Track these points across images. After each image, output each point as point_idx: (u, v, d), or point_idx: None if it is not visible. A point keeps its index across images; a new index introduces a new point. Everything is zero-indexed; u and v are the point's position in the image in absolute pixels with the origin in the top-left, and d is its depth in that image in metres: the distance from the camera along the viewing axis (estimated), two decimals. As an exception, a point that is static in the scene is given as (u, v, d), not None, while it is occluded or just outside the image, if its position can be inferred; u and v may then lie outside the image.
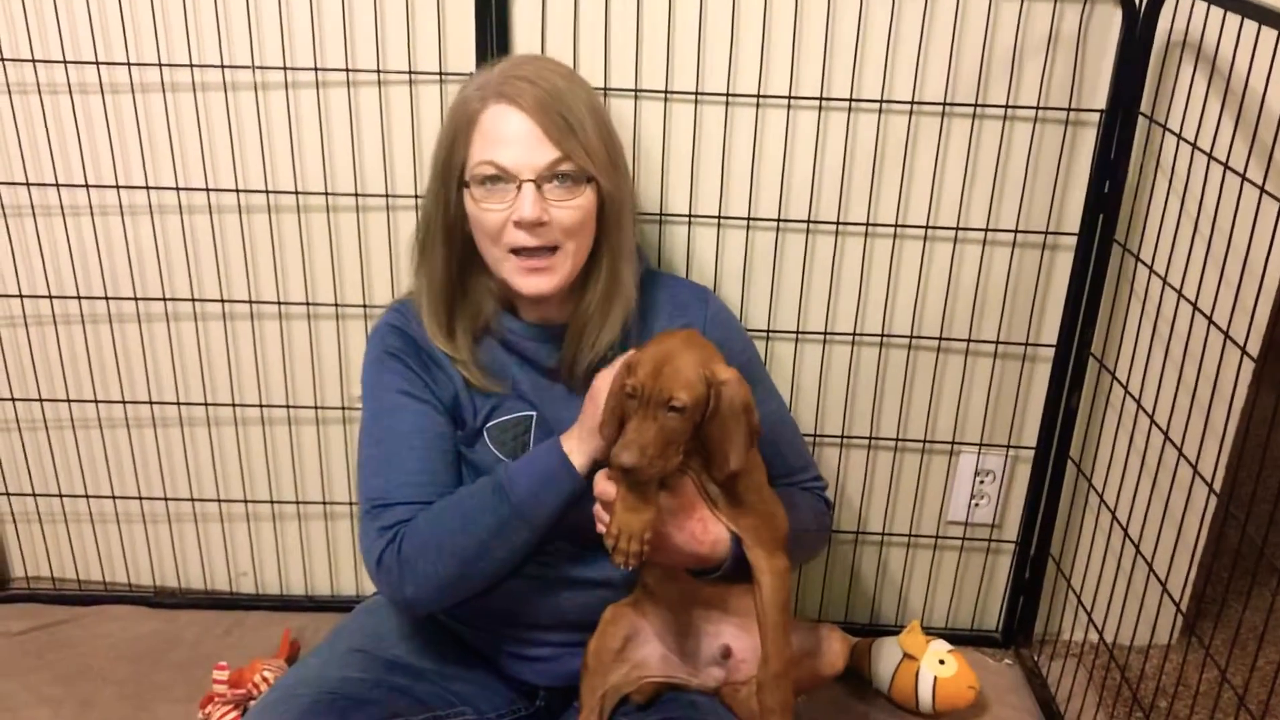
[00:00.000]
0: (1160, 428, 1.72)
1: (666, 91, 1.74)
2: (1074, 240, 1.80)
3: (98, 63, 1.75)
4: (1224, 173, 1.55)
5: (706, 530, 1.39)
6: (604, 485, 1.35)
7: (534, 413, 1.52)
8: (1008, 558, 2.06)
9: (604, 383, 1.38)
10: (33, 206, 1.85)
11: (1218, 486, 1.76)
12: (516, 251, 1.43)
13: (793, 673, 1.41)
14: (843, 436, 1.97)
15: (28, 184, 1.83)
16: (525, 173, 1.39)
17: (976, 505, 2.02)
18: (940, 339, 1.89)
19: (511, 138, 1.39)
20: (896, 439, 1.97)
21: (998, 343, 1.89)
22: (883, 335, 1.90)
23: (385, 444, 1.50)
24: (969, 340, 1.89)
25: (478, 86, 1.43)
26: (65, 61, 1.76)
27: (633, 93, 1.74)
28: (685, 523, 1.38)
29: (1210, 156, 1.59)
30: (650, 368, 1.28)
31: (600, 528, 1.36)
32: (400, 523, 1.45)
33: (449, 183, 1.45)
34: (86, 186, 1.83)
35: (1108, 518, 1.90)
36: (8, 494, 2.07)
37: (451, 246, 1.48)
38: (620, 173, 1.48)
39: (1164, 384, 1.73)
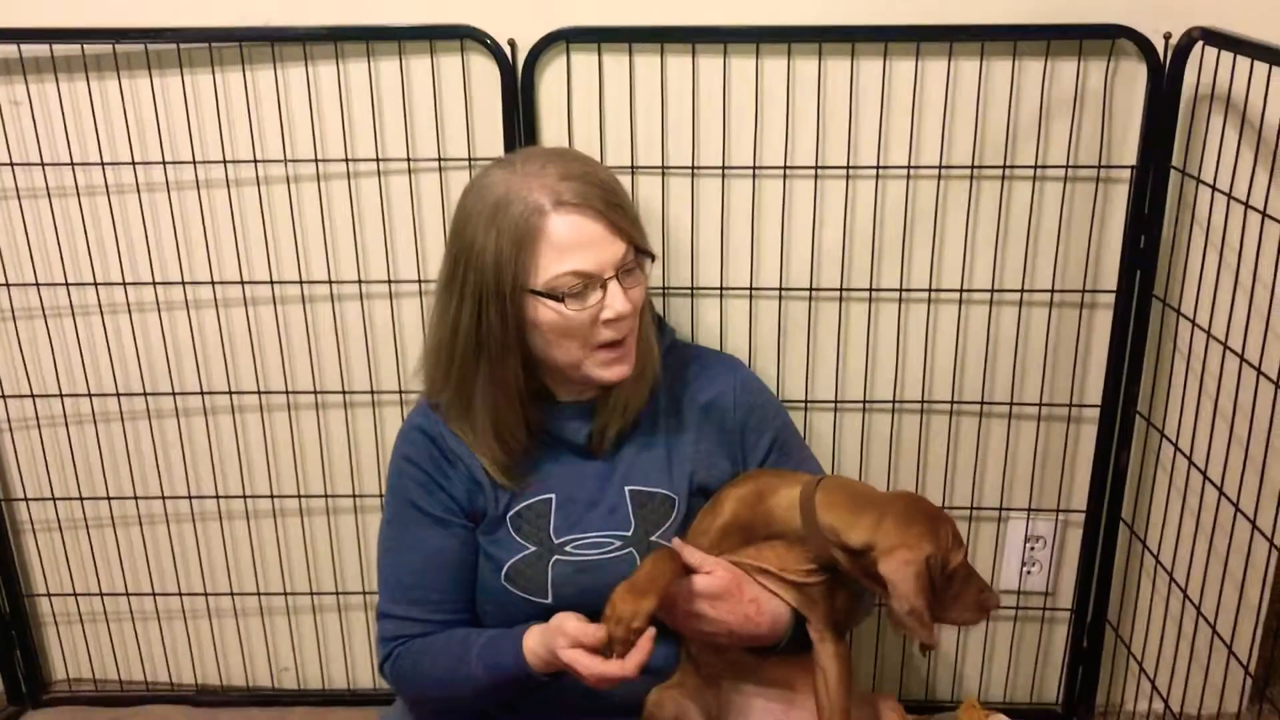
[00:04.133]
0: (1214, 484, 1.68)
1: (693, 167, 1.75)
2: (1112, 297, 1.78)
3: (102, 163, 1.79)
4: (1262, 221, 1.53)
5: (761, 610, 1.37)
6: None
7: (553, 495, 1.50)
8: (1064, 626, 2.00)
9: (570, 624, 1.34)
10: (72, 307, 1.87)
11: (1279, 541, 1.70)
12: (600, 346, 1.41)
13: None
14: (887, 506, 1.94)
15: (67, 284, 1.86)
16: (607, 270, 1.38)
17: (1029, 572, 1.97)
18: (982, 403, 1.87)
19: (587, 241, 1.37)
20: (942, 507, 1.92)
21: (1041, 405, 1.86)
22: (923, 401, 1.87)
23: (393, 552, 1.53)
24: (1011, 403, 1.86)
25: (525, 197, 1.36)
26: (72, 164, 1.79)
27: (660, 170, 1.75)
28: (736, 605, 1.36)
29: (1247, 205, 1.57)
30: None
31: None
32: (397, 639, 1.50)
33: (507, 296, 1.38)
34: (124, 285, 1.85)
35: (1165, 580, 1.85)
36: (49, 594, 2.07)
37: (520, 355, 1.43)
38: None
39: (1215, 439, 1.69)
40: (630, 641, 1.26)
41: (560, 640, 1.31)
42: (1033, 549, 1.96)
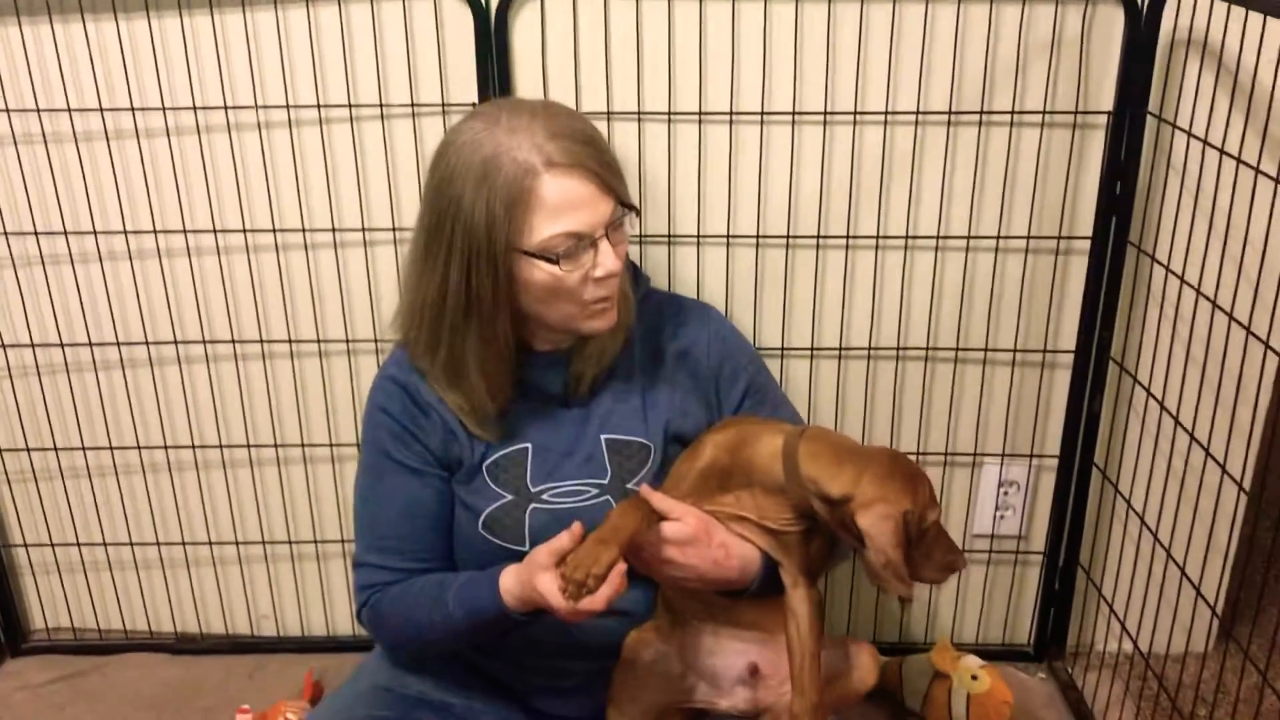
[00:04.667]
0: (1186, 429, 1.69)
1: (670, 113, 1.74)
2: (1088, 244, 1.79)
3: (69, 109, 1.76)
4: (1237, 167, 1.53)
5: (730, 555, 1.38)
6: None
7: (529, 445, 1.50)
8: (1036, 569, 2.03)
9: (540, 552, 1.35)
10: (41, 256, 1.85)
11: (1247, 485, 1.73)
12: (588, 300, 1.40)
13: (827, 698, 1.40)
14: (863, 452, 1.95)
15: (35, 233, 1.83)
16: (598, 230, 1.36)
17: (1002, 517, 1.99)
18: (957, 349, 1.87)
19: (578, 202, 1.35)
20: (917, 452, 1.94)
21: (1015, 350, 1.87)
22: (899, 348, 1.88)
23: (368, 501, 1.53)
24: (986, 349, 1.87)
25: (515, 157, 1.33)
26: (38, 110, 1.76)
27: (635, 115, 1.74)
28: (705, 551, 1.37)
29: (1222, 152, 1.57)
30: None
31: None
32: (373, 586, 1.50)
33: (499, 257, 1.36)
34: (94, 233, 1.83)
35: (1136, 524, 1.87)
36: (25, 545, 2.06)
37: (510, 313, 1.42)
38: None
39: (1187, 385, 1.71)
40: (590, 588, 1.27)
41: (535, 570, 1.32)
42: (1006, 494, 1.98)
